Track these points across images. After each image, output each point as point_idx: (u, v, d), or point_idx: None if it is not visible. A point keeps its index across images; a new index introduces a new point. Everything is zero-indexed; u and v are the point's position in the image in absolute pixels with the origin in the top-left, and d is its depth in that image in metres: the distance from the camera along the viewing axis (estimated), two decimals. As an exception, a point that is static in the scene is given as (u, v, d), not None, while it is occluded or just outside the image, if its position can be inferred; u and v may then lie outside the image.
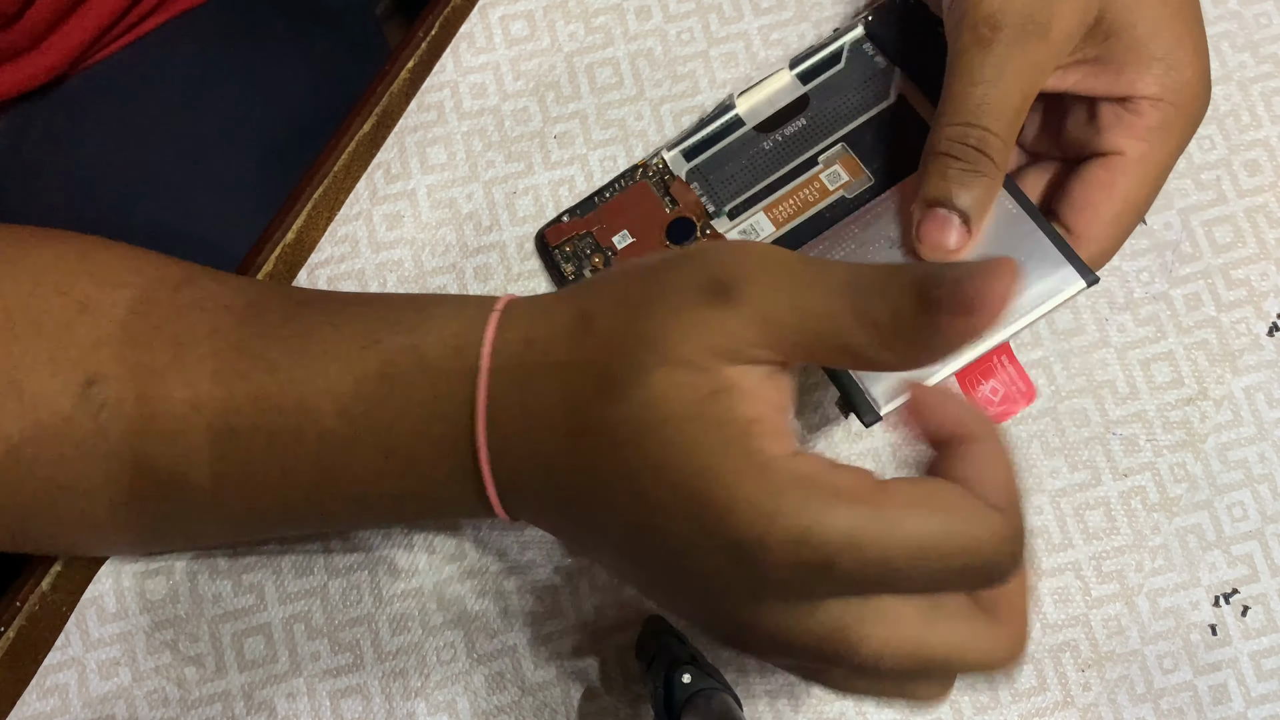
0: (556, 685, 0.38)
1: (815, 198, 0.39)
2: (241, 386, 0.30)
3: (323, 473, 0.31)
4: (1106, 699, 0.38)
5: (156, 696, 0.38)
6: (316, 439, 0.30)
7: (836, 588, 0.25)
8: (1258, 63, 0.42)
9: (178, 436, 0.31)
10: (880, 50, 0.40)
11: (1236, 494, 0.40)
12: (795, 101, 0.40)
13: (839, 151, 0.39)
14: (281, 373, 0.30)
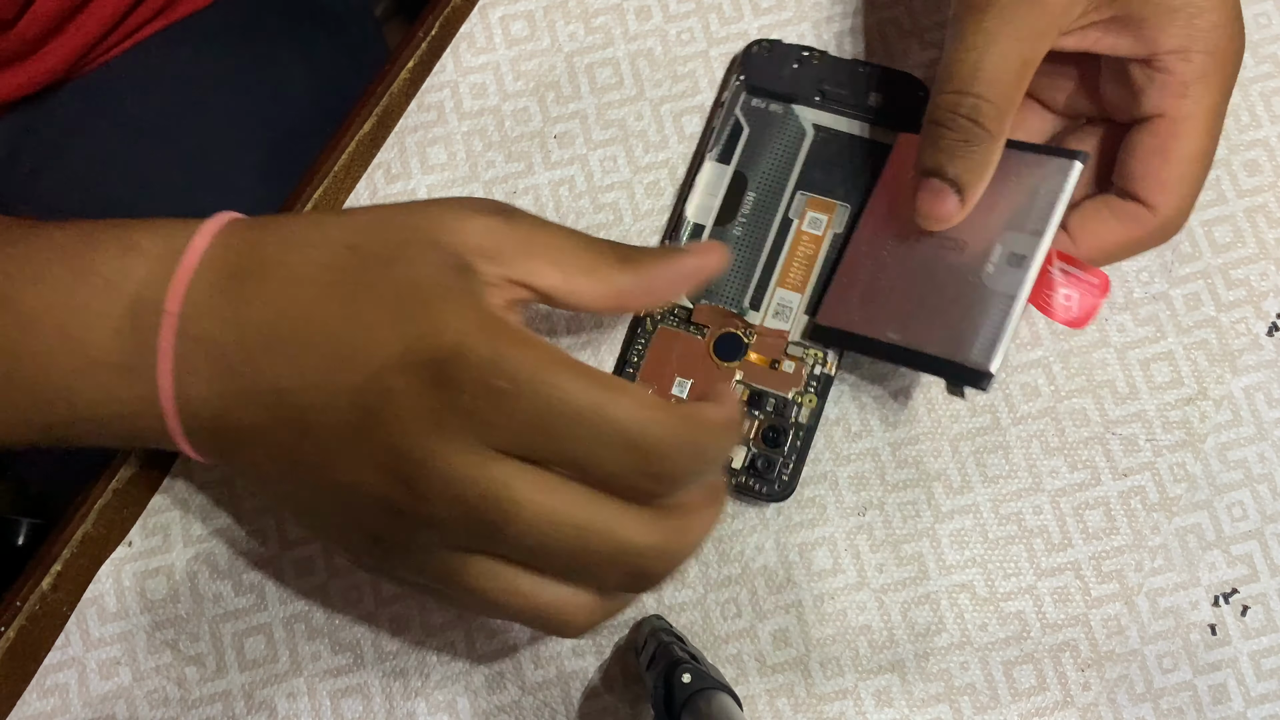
0: (556, 685, 0.38)
1: (814, 248, 0.39)
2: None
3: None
4: (1106, 699, 0.38)
5: (157, 696, 0.38)
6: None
7: (514, 427, 0.27)
8: (1257, 63, 0.42)
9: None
10: (768, 98, 0.41)
11: (1236, 494, 0.40)
12: (733, 182, 0.40)
13: (801, 201, 0.40)
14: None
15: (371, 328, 0.29)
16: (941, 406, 0.40)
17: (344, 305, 0.30)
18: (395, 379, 0.28)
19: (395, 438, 0.28)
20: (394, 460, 0.28)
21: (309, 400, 0.29)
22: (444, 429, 0.27)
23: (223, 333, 0.31)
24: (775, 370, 0.39)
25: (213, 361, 0.31)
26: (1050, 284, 0.35)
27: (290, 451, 0.30)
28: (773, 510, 0.39)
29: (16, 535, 0.68)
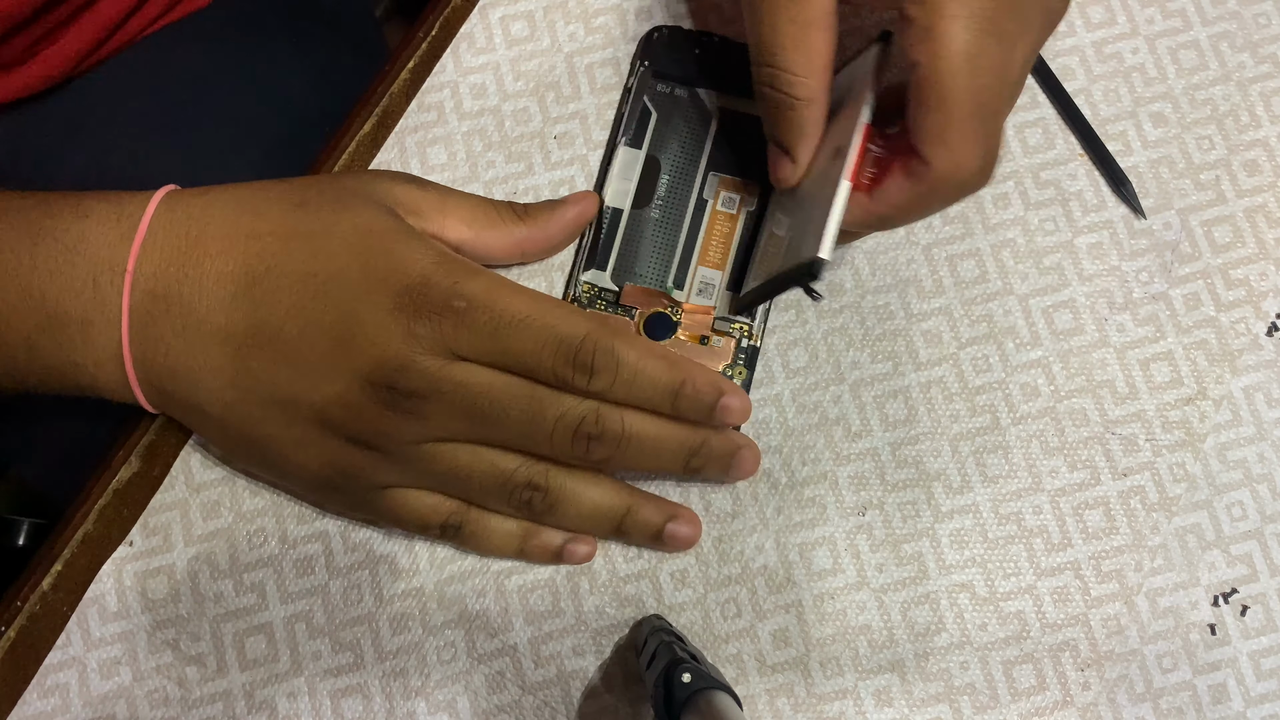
0: (556, 685, 0.38)
1: (730, 226, 0.40)
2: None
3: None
4: (1106, 698, 0.38)
5: (157, 696, 0.38)
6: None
7: (471, 336, 0.33)
8: (1257, 63, 0.42)
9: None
10: (672, 83, 0.41)
11: (1236, 494, 0.40)
12: (647, 165, 0.41)
13: (714, 181, 0.41)
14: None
15: (341, 266, 0.34)
16: (941, 406, 0.40)
17: (308, 248, 0.34)
18: (370, 308, 0.33)
19: (377, 349, 0.33)
20: (376, 370, 0.33)
21: (287, 330, 0.34)
22: (418, 341, 0.33)
23: (183, 287, 0.34)
24: (705, 346, 0.39)
25: (176, 314, 0.34)
26: (863, 161, 0.35)
27: (264, 383, 0.34)
28: (772, 510, 0.39)
29: (17, 535, 0.68)
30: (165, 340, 0.35)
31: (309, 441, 0.35)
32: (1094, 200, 0.41)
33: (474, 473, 0.35)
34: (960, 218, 0.41)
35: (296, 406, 0.34)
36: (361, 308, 0.33)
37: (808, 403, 0.40)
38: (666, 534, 0.37)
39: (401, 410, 0.33)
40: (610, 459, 0.35)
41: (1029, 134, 0.42)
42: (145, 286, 0.34)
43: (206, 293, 0.34)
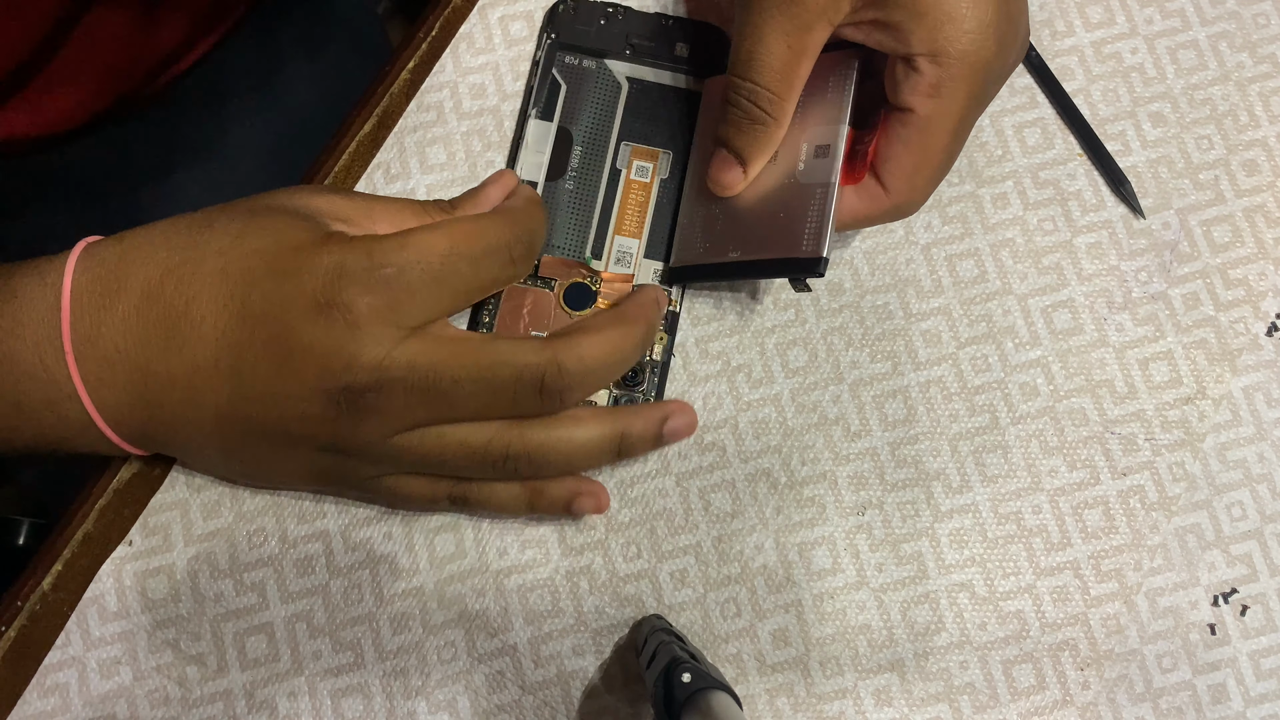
0: (556, 685, 0.38)
1: (644, 195, 0.41)
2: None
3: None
4: (1105, 698, 0.38)
5: (158, 695, 0.38)
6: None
7: (408, 295, 0.33)
8: (1256, 63, 0.42)
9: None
10: (580, 54, 0.42)
11: (1235, 494, 0.40)
12: (559, 138, 0.41)
13: (626, 151, 0.41)
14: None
15: (254, 279, 0.33)
16: (940, 406, 0.40)
17: (218, 270, 0.33)
18: (296, 316, 0.32)
19: (316, 357, 0.32)
20: (322, 377, 0.32)
21: (223, 362, 0.33)
22: (356, 332, 0.32)
23: (123, 340, 0.34)
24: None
25: (125, 370, 0.34)
26: (852, 163, 0.38)
27: (226, 417, 0.34)
28: (772, 509, 0.39)
29: (17, 535, 0.69)
30: (126, 400, 0.34)
31: (287, 456, 0.35)
32: (1093, 200, 0.41)
33: (446, 455, 0.34)
34: (959, 218, 0.41)
35: (263, 430, 0.34)
36: (288, 317, 0.32)
37: (807, 402, 0.40)
38: (667, 435, 0.36)
39: (358, 412, 0.32)
40: (581, 400, 0.35)
41: (1028, 134, 0.42)
42: (88, 353, 0.34)
43: (146, 343, 0.34)
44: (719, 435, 0.40)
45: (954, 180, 0.41)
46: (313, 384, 0.32)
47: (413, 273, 0.33)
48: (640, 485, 0.39)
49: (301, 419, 0.33)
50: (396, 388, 0.32)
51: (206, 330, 0.33)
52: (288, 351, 0.32)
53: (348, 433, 0.33)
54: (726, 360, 0.40)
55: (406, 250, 0.33)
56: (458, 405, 0.33)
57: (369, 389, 0.32)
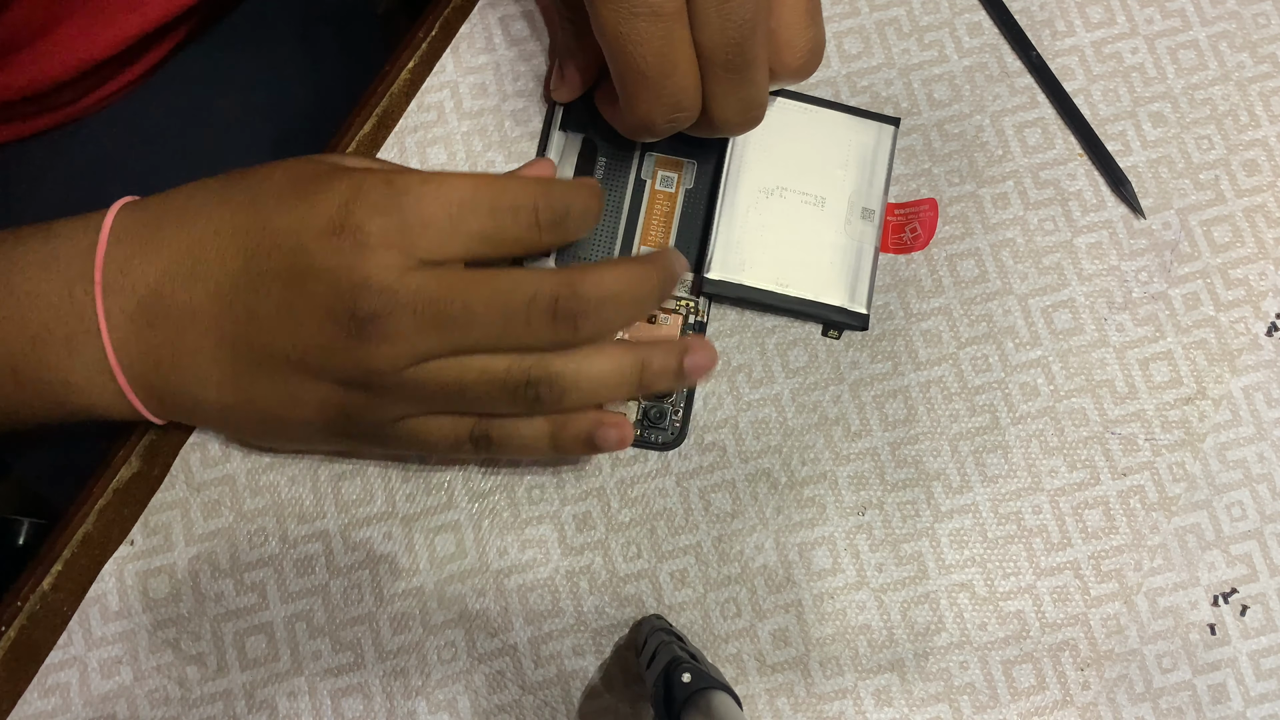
0: (556, 685, 0.38)
1: (669, 205, 0.41)
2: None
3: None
4: (1105, 698, 0.38)
5: (158, 695, 0.38)
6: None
7: (421, 226, 0.32)
8: (1256, 63, 0.42)
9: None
10: None
11: (1235, 494, 0.40)
12: (584, 149, 0.41)
13: (651, 161, 0.41)
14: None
15: (273, 209, 0.33)
16: (941, 406, 0.40)
17: (245, 203, 0.34)
18: (310, 238, 0.32)
19: (328, 278, 0.32)
20: (333, 300, 0.32)
21: (242, 289, 0.33)
22: (367, 255, 0.32)
23: (150, 271, 0.34)
24: (653, 324, 0.40)
25: (149, 302, 0.34)
26: (892, 228, 0.41)
27: (241, 348, 0.34)
28: (772, 509, 0.39)
29: (17, 535, 0.68)
30: (145, 337, 0.34)
31: (302, 395, 0.34)
32: (1093, 200, 0.41)
33: (466, 385, 0.33)
34: (960, 217, 0.41)
35: (276, 362, 0.33)
36: (303, 238, 0.32)
37: (807, 402, 0.40)
38: (688, 369, 0.35)
39: (369, 337, 0.32)
40: (598, 333, 0.34)
41: (1028, 134, 0.42)
42: (115, 284, 0.34)
43: (171, 275, 0.34)
44: (719, 435, 0.40)
45: (954, 180, 0.41)
46: (323, 306, 0.32)
47: (430, 205, 0.32)
48: (640, 485, 0.39)
49: (314, 347, 0.33)
50: (405, 312, 0.32)
51: (229, 257, 0.33)
52: (300, 273, 0.32)
53: (361, 361, 0.32)
54: (726, 360, 0.40)
55: (427, 184, 0.32)
56: (471, 332, 0.33)
57: (378, 313, 0.32)
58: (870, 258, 0.40)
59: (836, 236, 0.40)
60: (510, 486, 0.39)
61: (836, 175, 0.40)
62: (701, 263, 0.40)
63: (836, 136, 0.41)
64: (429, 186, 0.32)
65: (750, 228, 0.40)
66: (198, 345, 0.34)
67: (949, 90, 0.42)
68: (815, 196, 0.40)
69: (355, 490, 0.39)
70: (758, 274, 0.39)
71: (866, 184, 0.40)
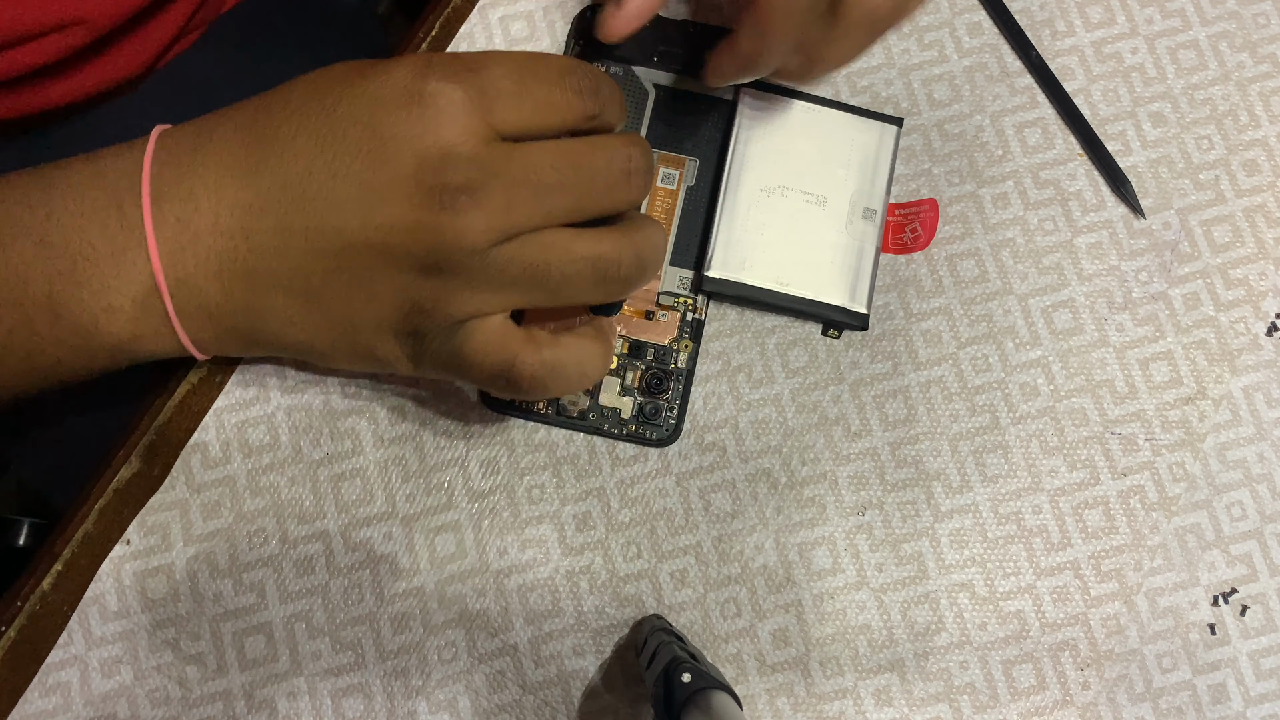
0: (556, 685, 0.38)
1: (670, 202, 0.41)
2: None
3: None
4: (1105, 698, 0.38)
5: (158, 695, 0.38)
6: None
7: (505, 95, 0.32)
8: (1256, 63, 0.42)
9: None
10: (608, 61, 0.42)
11: (1235, 494, 0.40)
12: None
13: (653, 158, 0.40)
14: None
15: (341, 90, 0.32)
16: (941, 406, 0.40)
17: (309, 92, 0.33)
18: (385, 110, 0.31)
19: (411, 148, 0.31)
20: (420, 170, 0.31)
21: (316, 171, 0.32)
22: (453, 118, 0.31)
23: (209, 173, 0.33)
24: (651, 320, 0.40)
25: (205, 211, 0.33)
26: (893, 228, 0.41)
27: (314, 238, 0.32)
28: (772, 509, 0.39)
29: (17, 535, 0.69)
30: (205, 245, 0.33)
31: (379, 287, 0.33)
32: (1093, 200, 0.41)
33: (551, 264, 0.32)
34: (960, 217, 0.41)
35: (354, 251, 0.32)
36: (378, 111, 0.31)
37: (807, 402, 0.40)
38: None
39: (461, 207, 0.31)
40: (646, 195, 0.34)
41: (1028, 133, 0.42)
42: (170, 195, 0.33)
43: (232, 170, 0.33)
44: (719, 435, 0.40)
45: (954, 180, 0.41)
46: (409, 178, 0.31)
47: (497, 74, 0.31)
48: (640, 485, 0.39)
49: (400, 225, 0.31)
50: (496, 180, 0.31)
51: (300, 144, 0.32)
52: (380, 145, 0.31)
53: (450, 234, 0.31)
54: (726, 360, 0.40)
55: (490, 56, 0.32)
56: (558, 199, 0.32)
57: (470, 181, 0.31)
58: (871, 258, 0.40)
59: (838, 236, 0.40)
60: (510, 486, 0.39)
61: (838, 175, 0.40)
62: (702, 261, 0.40)
63: (839, 136, 0.41)
64: (493, 58, 0.32)
65: (751, 226, 0.40)
66: (265, 244, 0.32)
67: (949, 90, 0.42)
68: (817, 196, 0.40)
69: (355, 490, 0.39)
70: (758, 273, 0.39)
71: (868, 184, 0.40)
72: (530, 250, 0.32)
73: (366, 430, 0.39)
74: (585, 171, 0.32)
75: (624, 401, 0.39)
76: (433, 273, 0.32)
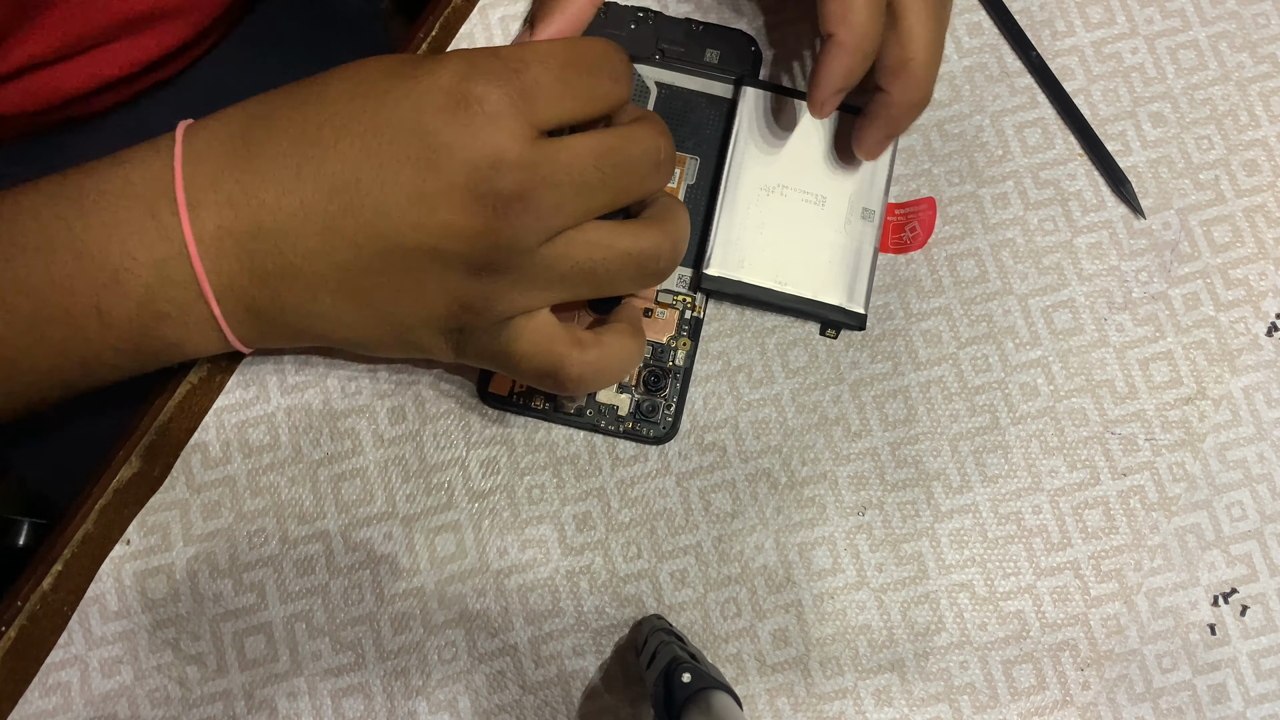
0: (556, 685, 0.38)
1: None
2: None
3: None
4: (1105, 698, 0.38)
5: (158, 695, 0.38)
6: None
7: (543, 88, 0.32)
8: (1256, 63, 0.42)
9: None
10: None
11: (1235, 494, 0.40)
12: None
13: None
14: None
15: (386, 88, 0.32)
16: (941, 406, 0.40)
17: (350, 90, 0.33)
18: (434, 116, 0.31)
19: (462, 156, 0.31)
20: (472, 178, 0.31)
21: (365, 177, 0.32)
22: (499, 122, 0.31)
23: (246, 177, 0.32)
24: (649, 318, 0.40)
25: (245, 215, 0.32)
26: (892, 228, 0.41)
27: (363, 241, 0.32)
28: (772, 509, 0.39)
29: (17, 535, 0.69)
30: (246, 250, 0.33)
31: (428, 288, 0.33)
32: (1093, 200, 0.41)
33: (597, 261, 0.33)
34: (960, 217, 0.41)
35: (404, 254, 0.32)
36: (425, 117, 0.31)
37: (807, 402, 0.40)
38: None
39: (514, 213, 0.31)
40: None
41: (1028, 134, 0.42)
42: (207, 202, 0.32)
43: (273, 181, 0.32)
44: (719, 435, 0.40)
45: (954, 180, 0.41)
46: (461, 186, 0.31)
47: (538, 70, 0.31)
48: (640, 485, 0.39)
49: (452, 232, 0.31)
50: (545, 184, 0.31)
51: (343, 148, 0.32)
52: (430, 153, 0.31)
53: (502, 239, 0.31)
54: (726, 360, 0.40)
55: (528, 51, 0.32)
56: (601, 195, 0.32)
57: (523, 187, 0.31)
58: (869, 258, 0.40)
59: (836, 236, 0.40)
60: (510, 486, 0.39)
61: (837, 175, 0.40)
62: (701, 259, 0.40)
63: (839, 136, 0.41)
64: (531, 53, 0.32)
65: (750, 225, 0.40)
66: (310, 248, 0.32)
67: (949, 90, 0.42)
68: (816, 195, 0.40)
69: (355, 490, 0.39)
70: (757, 271, 0.40)
71: (867, 184, 0.40)
72: (576, 249, 0.33)
73: (366, 430, 0.39)
74: (624, 167, 0.33)
75: (621, 399, 0.39)
76: (482, 273, 0.32)
